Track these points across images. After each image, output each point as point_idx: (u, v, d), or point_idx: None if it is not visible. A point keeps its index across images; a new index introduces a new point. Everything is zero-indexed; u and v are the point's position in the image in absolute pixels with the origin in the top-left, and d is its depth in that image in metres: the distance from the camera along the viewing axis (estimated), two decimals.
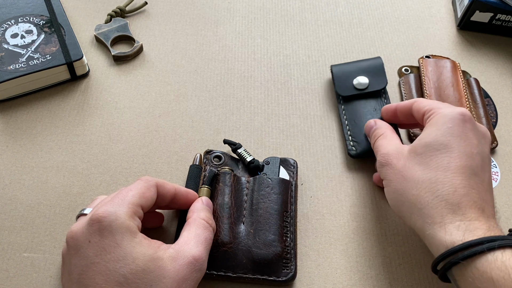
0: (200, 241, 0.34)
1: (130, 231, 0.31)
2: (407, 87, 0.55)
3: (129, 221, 0.32)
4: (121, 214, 0.31)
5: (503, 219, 0.45)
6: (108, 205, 0.32)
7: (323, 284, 0.40)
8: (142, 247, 0.31)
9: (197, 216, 0.37)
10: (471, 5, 0.60)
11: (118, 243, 0.30)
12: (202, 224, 0.36)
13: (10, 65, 0.49)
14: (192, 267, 0.32)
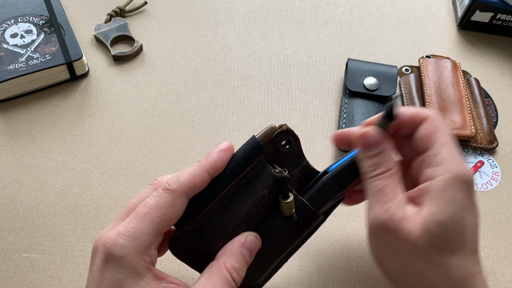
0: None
1: (137, 272, 0.27)
2: (407, 87, 0.55)
3: (139, 261, 0.27)
4: (130, 251, 0.27)
5: (503, 220, 0.45)
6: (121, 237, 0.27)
7: (323, 284, 0.40)
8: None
9: (223, 262, 0.29)
10: (471, 4, 0.59)
11: (119, 284, 0.26)
12: (224, 277, 0.29)
13: (9, 65, 0.49)
14: None
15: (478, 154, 0.50)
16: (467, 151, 0.50)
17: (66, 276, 0.39)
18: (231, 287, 0.29)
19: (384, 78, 0.53)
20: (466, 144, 0.50)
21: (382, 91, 0.52)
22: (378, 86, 0.52)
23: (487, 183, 0.48)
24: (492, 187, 0.48)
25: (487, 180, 0.48)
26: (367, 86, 0.52)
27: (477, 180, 0.48)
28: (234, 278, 0.29)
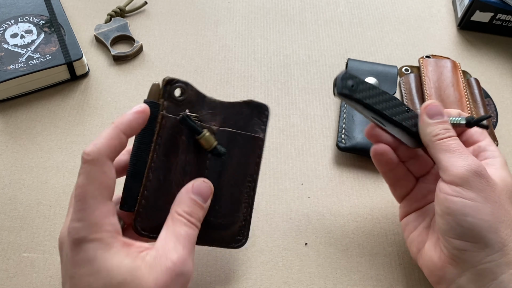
0: (179, 241, 0.30)
1: (104, 243, 0.28)
2: (407, 87, 0.55)
3: (100, 234, 0.28)
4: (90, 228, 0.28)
5: None
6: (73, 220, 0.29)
7: (323, 284, 0.40)
8: (118, 258, 0.28)
9: (174, 211, 0.32)
10: (471, 5, 0.59)
11: (89, 259, 0.28)
12: (179, 221, 0.31)
13: (9, 65, 0.49)
14: (172, 272, 0.29)
15: None
16: None
17: None
18: (190, 228, 0.31)
19: (384, 78, 0.53)
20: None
21: None
22: (378, 86, 0.52)
23: None
24: None
25: None
26: None
27: None
28: (190, 220, 0.31)
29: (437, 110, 0.36)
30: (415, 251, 0.37)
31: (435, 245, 0.35)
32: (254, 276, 0.40)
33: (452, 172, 0.32)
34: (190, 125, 0.34)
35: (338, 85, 0.34)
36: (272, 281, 0.40)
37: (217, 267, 0.40)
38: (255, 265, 0.41)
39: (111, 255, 0.28)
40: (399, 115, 0.36)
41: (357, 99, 0.34)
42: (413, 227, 0.38)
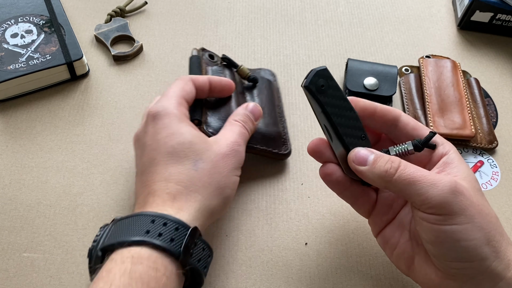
0: (234, 132, 0.39)
1: (177, 116, 0.37)
2: (407, 87, 0.55)
3: (175, 110, 0.37)
4: (168, 105, 0.37)
5: (503, 220, 0.45)
6: (156, 103, 0.38)
7: (323, 284, 0.40)
8: (189, 127, 0.37)
9: (232, 119, 0.41)
10: (471, 5, 0.60)
11: (167, 125, 0.36)
12: (235, 123, 0.41)
13: (10, 65, 0.49)
14: (231, 146, 0.38)
15: (478, 154, 0.50)
16: (467, 151, 0.50)
17: (66, 276, 0.39)
18: (244, 127, 0.41)
19: (384, 78, 0.53)
20: (466, 144, 0.50)
21: (382, 91, 0.52)
22: (378, 86, 0.52)
23: (487, 183, 0.48)
24: (492, 187, 0.48)
25: (487, 180, 0.48)
26: (367, 86, 0.52)
27: None
28: (243, 124, 0.41)
29: (363, 155, 0.33)
30: (405, 268, 0.35)
31: (426, 261, 0.33)
32: (254, 276, 0.40)
33: (429, 204, 0.30)
34: (230, 61, 0.50)
35: (309, 78, 0.33)
36: (272, 281, 0.40)
37: (217, 267, 0.40)
38: (255, 265, 0.41)
39: (183, 125, 0.37)
40: (351, 138, 0.34)
41: (319, 101, 0.33)
42: (393, 244, 0.36)
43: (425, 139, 0.34)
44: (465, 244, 0.30)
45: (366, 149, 0.34)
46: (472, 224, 0.30)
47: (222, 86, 0.43)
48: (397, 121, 0.36)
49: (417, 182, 0.30)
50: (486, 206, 0.32)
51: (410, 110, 0.53)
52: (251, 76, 0.50)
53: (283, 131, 0.48)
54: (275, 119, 0.48)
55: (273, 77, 0.54)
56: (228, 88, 0.44)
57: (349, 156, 0.34)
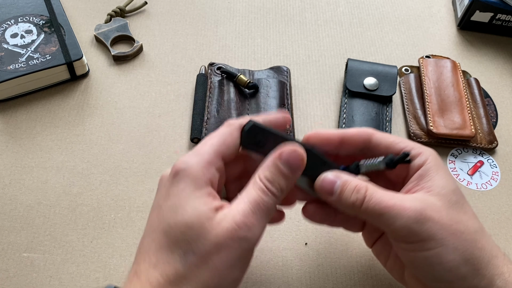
0: (250, 204, 0.29)
1: (196, 182, 0.29)
2: (407, 87, 0.55)
3: (199, 172, 0.30)
4: (193, 163, 0.30)
5: (503, 220, 0.45)
6: (186, 155, 0.31)
7: (323, 284, 0.40)
8: (198, 202, 0.29)
9: (257, 174, 0.31)
10: (471, 5, 0.60)
11: (178, 193, 0.29)
12: (258, 186, 0.30)
13: (9, 65, 0.49)
14: (233, 233, 0.28)
15: (478, 154, 0.50)
16: (466, 151, 0.50)
17: (66, 276, 0.39)
18: (266, 196, 0.30)
19: (384, 78, 0.53)
20: (465, 144, 0.50)
21: (382, 91, 0.52)
22: (378, 86, 0.52)
23: (487, 183, 0.48)
24: (492, 187, 0.48)
25: (487, 180, 0.48)
26: (367, 86, 0.52)
27: (477, 180, 0.48)
28: (268, 187, 0.30)
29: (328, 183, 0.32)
30: (398, 277, 0.36)
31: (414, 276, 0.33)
32: (254, 276, 0.40)
33: (397, 234, 0.30)
34: (228, 71, 0.51)
35: (243, 138, 0.31)
36: (272, 281, 0.40)
37: None
38: (255, 265, 0.41)
39: (194, 197, 0.29)
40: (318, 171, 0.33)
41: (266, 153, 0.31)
42: (385, 257, 0.36)
43: (397, 159, 0.32)
44: (440, 267, 0.29)
45: (333, 174, 0.32)
46: (445, 247, 0.29)
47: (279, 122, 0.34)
48: (369, 143, 0.34)
49: (382, 213, 0.30)
50: (463, 222, 0.30)
51: (410, 110, 0.53)
52: (250, 83, 0.51)
53: (288, 129, 0.49)
54: None
55: (287, 74, 0.54)
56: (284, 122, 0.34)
57: (315, 186, 0.32)
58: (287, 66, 0.56)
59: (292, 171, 0.31)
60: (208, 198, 0.29)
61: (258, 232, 0.29)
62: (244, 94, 0.51)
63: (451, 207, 0.31)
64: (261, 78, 0.53)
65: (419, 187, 0.32)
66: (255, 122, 0.31)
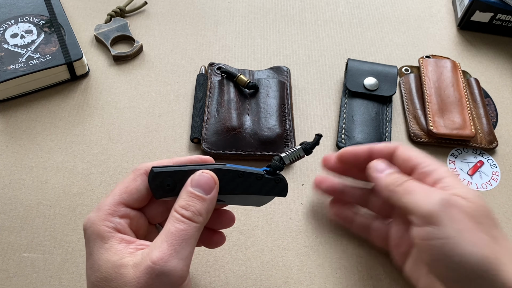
0: (166, 238, 0.29)
1: (101, 236, 0.30)
2: (407, 87, 0.55)
3: (101, 226, 0.30)
4: (94, 219, 0.30)
5: (503, 220, 0.45)
6: (90, 213, 0.31)
7: (323, 284, 0.40)
8: (108, 254, 0.29)
9: (174, 205, 0.31)
10: (471, 5, 0.59)
11: (90, 251, 0.30)
12: (172, 218, 0.30)
13: (9, 65, 0.49)
14: (152, 272, 0.27)
15: (478, 154, 0.50)
16: (467, 151, 0.50)
17: (66, 276, 0.39)
18: (182, 224, 0.29)
19: (384, 78, 0.53)
20: (466, 144, 0.50)
21: (382, 91, 0.52)
22: (378, 86, 0.52)
23: (487, 183, 0.48)
24: (492, 187, 0.48)
25: (487, 180, 0.48)
26: (367, 86, 0.52)
27: (477, 180, 0.48)
28: (183, 214, 0.30)
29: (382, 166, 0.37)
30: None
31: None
32: (254, 276, 0.40)
33: (419, 212, 0.31)
34: (227, 71, 0.52)
35: (152, 189, 0.31)
36: (272, 281, 0.40)
37: (217, 267, 0.40)
38: (255, 265, 0.41)
39: (104, 250, 0.29)
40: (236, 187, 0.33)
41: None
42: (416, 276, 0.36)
43: (312, 142, 0.36)
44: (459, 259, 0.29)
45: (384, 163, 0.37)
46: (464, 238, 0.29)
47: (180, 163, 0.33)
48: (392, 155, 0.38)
49: (413, 191, 0.32)
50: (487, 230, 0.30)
51: (410, 110, 0.53)
52: (250, 83, 0.51)
53: (288, 129, 0.48)
54: (278, 120, 0.48)
55: (287, 74, 0.54)
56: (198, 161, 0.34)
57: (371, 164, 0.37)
58: (287, 66, 0.56)
59: (207, 192, 0.31)
60: (120, 245, 0.29)
61: (180, 264, 0.28)
62: (244, 94, 0.51)
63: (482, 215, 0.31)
64: (261, 78, 0.53)
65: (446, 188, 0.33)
66: (156, 168, 0.31)
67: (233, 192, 0.32)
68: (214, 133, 0.47)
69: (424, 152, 0.37)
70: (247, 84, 0.51)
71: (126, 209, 0.31)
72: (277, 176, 0.33)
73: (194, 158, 0.33)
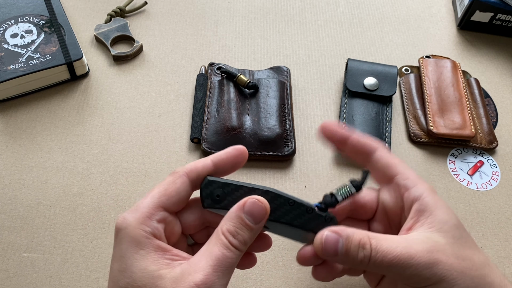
0: (211, 261, 0.28)
1: (137, 241, 0.29)
2: (407, 87, 0.55)
3: (138, 230, 0.29)
4: (131, 221, 0.29)
5: (503, 220, 0.45)
6: (126, 212, 0.30)
7: (323, 284, 0.40)
8: (145, 262, 0.28)
9: (220, 227, 0.29)
10: (471, 5, 0.59)
11: (122, 254, 0.29)
12: (221, 241, 0.29)
13: (10, 65, 0.49)
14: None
15: (478, 154, 0.50)
16: (467, 151, 0.50)
17: (66, 276, 0.39)
18: (229, 251, 0.29)
19: (384, 78, 0.53)
20: (466, 144, 0.50)
21: (382, 91, 0.52)
22: (378, 86, 0.52)
23: (487, 183, 0.48)
24: (492, 187, 0.48)
25: (487, 180, 0.48)
26: (367, 86, 0.52)
27: (477, 180, 0.48)
28: (231, 241, 0.29)
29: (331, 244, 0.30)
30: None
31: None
32: (254, 276, 0.40)
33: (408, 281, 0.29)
34: (227, 71, 0.52)
35: (202, 198, 0.30)
36: (272, 281, 0.40)
37: None
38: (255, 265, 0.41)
39: (140, 256, 0.28)
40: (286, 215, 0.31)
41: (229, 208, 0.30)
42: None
43: (362, 179, 0.33)
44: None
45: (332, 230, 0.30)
46: (456, 286, 0.29)
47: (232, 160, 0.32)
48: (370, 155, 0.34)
49: (391, 265, 0.29)
50: (469, 258, 0.30)
51: (410, 110, 0.53)
52: (250, 83, 0.51)
53: (288, 129, 0.48)
54: (278, 119, 0.49)
55: (287, 74, 0.54)
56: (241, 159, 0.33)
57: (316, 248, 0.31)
58: (287, 66, 0.56)
59: (256, 222, 0.30)
60: (156, 253, 0.29)
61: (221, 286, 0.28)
62: (244, 94, 0.51)
63: (456, 243, 0.30)
64: (261, 78, 0.53)
65: (419, 223, 0.31)
66: (211, 177, 0.31)
67: (279, 220, 0.31)
68: (214, 133, 0.47)
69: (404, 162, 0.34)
70: (247, 84, 0.51)
71: (164, 213, 0.30)
72: (328, 215, 0.31)
73: (230, 151, 0.32)
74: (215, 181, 0.30)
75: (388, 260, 0.29)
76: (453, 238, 0.30)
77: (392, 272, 0.29)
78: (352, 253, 0.30)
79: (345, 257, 0.30)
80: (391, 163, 0.34)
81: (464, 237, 0.31)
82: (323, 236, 0.30)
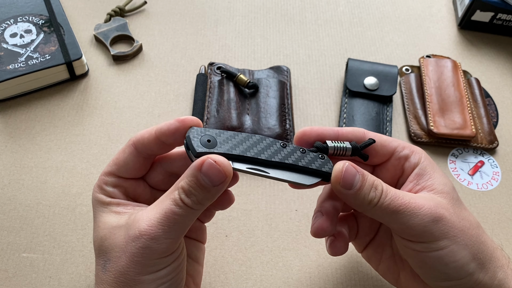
0: (158, 215, 0.28)
1: (100, 202, 0.32)
2: (408, 87, 0.55)
3: (98, 193, 0.32)
4: (94, 188, 0.33)
5: (503, 220, 0.45)
6: None
7: (323, 284, 0.40)
8: (107, 216, 0.31)
9: (178, 181, 0.29)
10: (471, 4, 0.59)
11: (94, 216, 0.32)
12: (172, 196, 0.28)
13: (9, 64, 0.49)
14: (137, 242, 0.28)
15: (479, 154, 0.50)
16: (467, 151, 0.50)
17: (65, 276, 0.39)
18: (179, 208, 0.28)
19: (384, 78, 0.53)
20: (466, 144, 0.50)
21: (382, 91, 0.52)
22: (378, 86, 0.52)
23: (488, 183, 0.48)
24: (492, 187, 0.48)
25: (488, 180, 0.48)
26: (367, 86, 0.52)
27: (477, 180, 0.48)
28: (183, 199, 0.28)
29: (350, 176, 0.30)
30: (392, 281, 0.36)
31: (413, 277, 0.34)
32: (254, 276, 0.40)
33: (411, 233, 0.30)
34: (227, 71, 0.51)
35: (191, 145, 0.29)
36: (272, 281, 0.40)
37: (217, 267, 0.40)
38: (255, 265, 0.41)
39: (103, 213, 0.31)
40: (278, 155, 0.31)
41: (222, 154, 0.29)
42: (376, 260, 0.37)
43: (363, 144, 0.32)
44: (453, 265, 0.30)
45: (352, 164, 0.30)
46: (456, 244, 0.30)
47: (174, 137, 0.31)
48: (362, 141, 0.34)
49: (398, 211, 0.29)
50: (466, 217, 0.31)
51: (410, 110, 0.53)
52: (250, 83, 0.51)
53: (288, 129, 0.48)
54: (278, 120, 0.49)
55: (287, 74, 0.54)
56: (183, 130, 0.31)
57: (336, 175, 0.30)
58: (287, 66, 0.56)
59: (214, 184, 0.28)
60: (118, 207, 0.31)
61: (166, 243, 0.28)
62: (244, 94, 0.51)
63: (455, 204, 0.32)
64: (261, 78, 0.52)
65: (420, 186, 0.32)
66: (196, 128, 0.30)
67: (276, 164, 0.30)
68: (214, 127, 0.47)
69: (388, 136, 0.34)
70: (247, 83, 0.51)
71: (118, 179, 0.32)
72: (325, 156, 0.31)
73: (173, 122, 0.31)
74: (202, 130, 0.30)
75: (396, 205, 0.30)
76: (453, 200, 0.32)
77: (397, 220, 0.30)
78: (364, 190, 0.30)
79: (357, 193, 0.30)
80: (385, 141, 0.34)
81: (459, 200, 0.32)
82: (345, 165, 0.30)
